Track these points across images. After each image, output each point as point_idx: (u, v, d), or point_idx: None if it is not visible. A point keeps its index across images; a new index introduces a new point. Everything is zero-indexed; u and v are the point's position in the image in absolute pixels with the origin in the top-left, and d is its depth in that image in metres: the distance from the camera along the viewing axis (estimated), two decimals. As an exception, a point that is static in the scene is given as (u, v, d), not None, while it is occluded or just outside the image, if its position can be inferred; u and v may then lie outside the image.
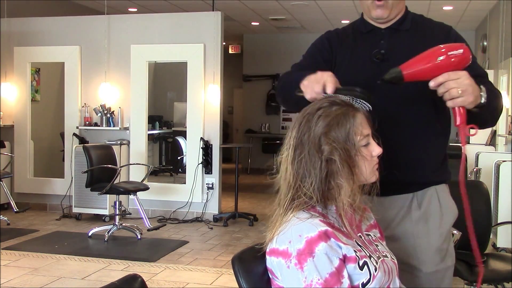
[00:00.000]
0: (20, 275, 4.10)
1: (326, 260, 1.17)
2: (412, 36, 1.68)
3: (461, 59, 1.39)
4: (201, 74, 6.22)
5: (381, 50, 1.65)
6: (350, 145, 1.28)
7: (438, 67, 1.38)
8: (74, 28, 6.65)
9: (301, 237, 1.19)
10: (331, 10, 8.36)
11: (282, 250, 1.22)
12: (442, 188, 1.70)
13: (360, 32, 1.74)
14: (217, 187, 6.29)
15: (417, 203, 1.66)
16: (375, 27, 1.71)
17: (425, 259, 1.62)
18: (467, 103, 1.39)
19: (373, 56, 1.65)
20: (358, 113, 1.33)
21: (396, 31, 1.69)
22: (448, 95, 1.38)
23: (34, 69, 7.09)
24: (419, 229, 1.63)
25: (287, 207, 1.28)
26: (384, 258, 1.32)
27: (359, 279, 1.22)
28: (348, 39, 1.76)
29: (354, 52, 1.72)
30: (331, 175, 1.26)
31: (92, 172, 5.32)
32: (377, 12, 1.66)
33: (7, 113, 6.80)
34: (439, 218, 1.65)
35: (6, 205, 6.33)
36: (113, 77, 6.52)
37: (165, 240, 5.31)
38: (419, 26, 1.71)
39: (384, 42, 1.68)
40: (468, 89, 1.37)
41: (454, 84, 1.36)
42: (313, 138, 1.27)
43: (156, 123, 8.52)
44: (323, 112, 1.29)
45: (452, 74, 1.37)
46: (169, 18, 6.55)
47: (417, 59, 1.41)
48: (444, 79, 1.37)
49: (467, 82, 1.37)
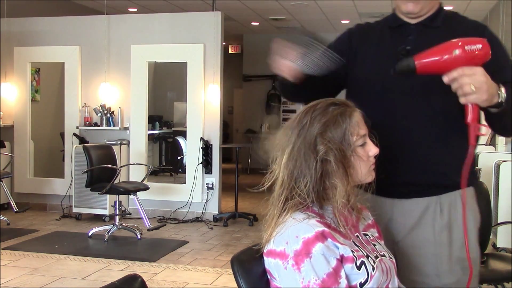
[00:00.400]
0: (20, 275, 4.09)
1: (323, 260, 1.17)
2: (442, 33, 1.56)
3: (478, 55, 1.32)
4: (201, 74, 6.22)
5: (407, 46, 1.58)
6: (345, 145, 1.27)
7: (453, 61, 1.32)
8: (74, 28, 6.65)
9: (298, 238, 1.19)
10: (331, 10, 8.36)
11: (279, 251, 1.22)
12: (466, 194, 1.56)
13: (389, 27, 1.68)
14: (217, 187, 6.29)
15: (439, 209, 1.57)
16: (405, 22, 1.64)
17: (446, 269, 1.55)
18: (480, 101, 1.33)
19: (398, 52, 1.57)
20: (354, 113, 1.32)
21: (426, 27, 1.62)
22: (461, 91, 1.32)
23: (34, 69, 7.09)
24: (442, 239, 1.56)
25: (281, 207, 1.27)
26: (382, 258, 1.31)
27: (356, 279, 1.22)
28: (375, 33, 1.70)
29: (380, 47, 1.66)
30: (326, 175, 1.25)
31: (92, 172, 5.32)
32: (408, 7, 1.58)
33: (7, 113, 6.80)
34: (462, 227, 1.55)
35: (6, 205, 6.33)
36: (113, 77, 6.52)
37: (165, 240, 5.31)
38: (451, 24, 1.62)
39: (412, 38, 1.61)
40: (483, 86, 1.31)
41: (468, 80, 1.30)
42: (308, 138, 1.26)
43: (156, 123, 8.52)
44: (319, 112, 1.29)
45: (467, 70, 1.31)
46: (169, 18, 6.55)
47: (432, 51, 1.36)
48: (458, 74, 1.31)
49: (482, 79, 1.31)
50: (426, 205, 1.57)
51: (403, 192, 1.59)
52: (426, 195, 1.57)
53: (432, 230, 1.56)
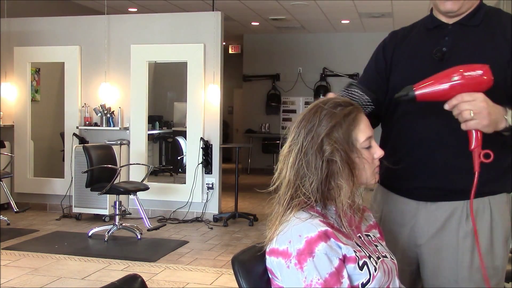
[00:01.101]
0: (20, 275, 4.09)
1: (326, 260, 1.17)
2: (480, 32, 1.53)
3: (478, 81, 1.30)
4: (201, 74, 6.22)
5: (443, 47, 1.53)
6: (352, 146, 1.28)
7: (452, 88, 1.31)
8: (74, 28, 6.65)
9: (301, 237, 1.19)
10: (331, 10, 8.36)
11: (282, 250, 1.22)
12: (498, 200, 1.55)
13: (425, 28, 1.63)
14: (217, 187, 6.29)
15: (465, 215, 1.53)
16: (442, 22, 1.58)
17: (466, 276, 1.53)
18: (481, 126, 1.31)
19: (433, 54, 1.53)
20: (361, 115, 1.32)
21: (463, 26, 1.55)
22: (461, 118, 1.31)
23: (34, 69, 7.09)
24: (466, 245, 1.53)
25: (286, 206, 1.27)
26: (384, 259, 1.32)
27: (358, 279, 1.22)
28: (413, 36, 1.65)
29: (416, 48, 1.62)
30: (331, 175, 1.25)
31: (92, 172, 5.32)
32: (447, 6, 1.52)
33: (7, 113, 6.80)
34: (488, 234, 1.53)
35: (6, 205, 6.33)
36: (113, 77, 6.52)
37: (165, 240, 5.31)
38: (491, 21, 1.54)
39: (449, 38, 1.55)
40: (482, 112, 1.29)
41: (467, 106, 1.29)
42: (315, 138, 1.27)
43: (156, 123, 8.51)
44: (327, 113, 1.29)
45: (466, 96, 1.29)
46: (169, 18, 6.55)
47: (430, 79, 1.34)
48: (458, 101, 1.30)
49: (482, 104, 1.29)
50: (452, 210, 1.55)
51: (429, 195, 1.57)
52: (453, 200, 1.55)
53: (456, 236, 1.54)
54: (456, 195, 1.53)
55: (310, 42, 10.39)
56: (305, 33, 10.38)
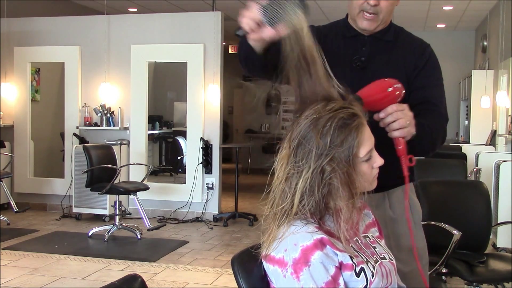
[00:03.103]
0: (20, 275, 4.10)
1: (322, 269, 1.16)
2: (392, 47, 1.70)
3: (400, 93, 1.44)
4: (201, 74, 6.22)
5: (362, 56, 1.67)
6: (353, 165, 1.21)
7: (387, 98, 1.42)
8: (74, 28, 6.65)
9: (296, 245, 1.18)
10: (331, 10, 8.36)
11: (278, 259, 1.21)
12: (410, 188, 1.73)
13: (343, 35, 1.75)
14: (217, 187, 6.29)
15: (388, 204, 1.70)
16: (359, 33, 1.71)
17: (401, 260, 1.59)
18: (409, 134, 1.44)
19: (353, 62, 1.67)
20: (364, 128, 1.24)
21: (378, 40, 1.71)
22: (397, 125, 1.41)
23: (34, 69, 7.09)
24: (393, 231, 1.68)
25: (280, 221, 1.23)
26: (382, 261, 1.30)
27: (355, 286, 1.21)
28: (330, 39, 1.74)
29: (335, 54, 1.66)
30: (329, 196, 1.21)
31: (92, 172, 5.32)
32: (364, 24, 1.67)
33: (7, 113, 6.81)
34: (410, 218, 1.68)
35: (6, 205, 6.33)
36: (113, 77, 6.52)
37: (165, 240, 5.31)
38: (400, 39, 1.73)
39: (366, 49, 1.69)
40: (412, 121, 1.43)
41: (402, 115, 1.41)
42: (314, 157, 1.20)
43: (156, 123, 8.52)
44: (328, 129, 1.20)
45: (399, 106, 1.42)
46: (169, 18, 6.55)
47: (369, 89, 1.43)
48: (393, 110, 1.40)
49: (410, 114, 1.43)
50: (377, 201, 1.68)
51: None
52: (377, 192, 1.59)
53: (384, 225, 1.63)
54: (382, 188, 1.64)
55: (310, 42, 10.35)
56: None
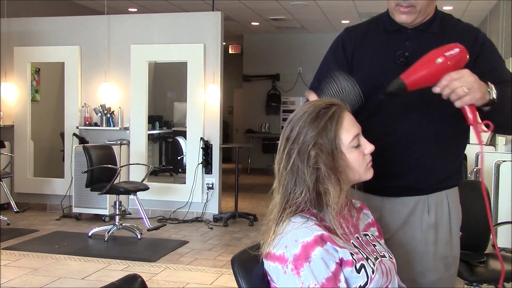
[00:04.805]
0: (20, 275, 4.09)
1: (322, 264, 1.17)
2: (439, 39, 1.56)
3: (459, 58, 1.36)
4: (201, 74, 6.22)
5: (406, 52, 1.58)
6: (337, 150, 1.28)
7: (438, 70, 1.35)
8: (74, 28, 6.65)
9: (297, 242, 1.19)
10: (331, 10, 8.36)
11: (279, 255, 1.21)
12: (452, 193, 1.66)
13: (384, 30, 1.66)
14: (217, 187, 6.29)
15: (427, 208, 1.61)
16: (402, 26, 1.62)
17: (431, 267, 1.60)
18: (475, 100, 1.36)
19: (396, 58, 1.58)
20: (344, 114, 1.31)
21: (422, 32, 1.61)
22: (455, 96, 1.35)
23: (34, 69, 7.09)
24: (429, 237, 1.61)
25: (279, 216, 1.27)
26: (382, 259, 1.31)
27: (356, 282, 1.21)
28: (371, 36, 1.68)
29: (377, 51, 1.65)
30: (319, 181, 1.25)
31: (92, 172, 5.32)
32: (402, 18, 1.58)
33: (7, 113, 6.80)
34: (447, 225, 1.63)
35: (6, 205, 6.33)
36: (113, 77, 6.52)
37: (165, 240, 5.31)
38: (447, 28, 1.62)
39: (409, 43, 1.60)
40: (474, 86, 1.34)
41: (458, 84, 1.33)
42: (300, 147, 1.26)
43: (156, 123, 8.52)
44: (311, 119, 1.28)
45: (454, 74, 1.34)
46: (169, 18, 6.55)
47: (416, 66, 1.38)
48: (448, 81, 1.34)
49: (471, 79, 1.34)
50: (414, 204, 1.62)
51: (394, 192, 1.62)
52: (415, 195, 1.61)
53: (420, 229, 1.61)
54: (419, 191, 1.62)
55: (310, 42, 10.37)
56: (305, 33, 10.38)
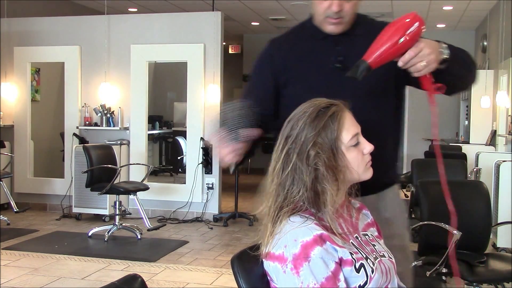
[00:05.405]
0: (20, 275, 4.09)
1: (321, 264, 1.17)
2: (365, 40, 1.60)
3: (417, 31, 1.40)
4: (201, 74, 6.22)
5: (339, 56, 1.63)
6: (336, 150, 1.28)
7: (400, 48, 1.39)
8: (74, 28, 6.65)
9: (296, 241, 1.19)
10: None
11: (278, 255, 1.21)
12: (397, 189, 1.76)
13: (312, 38, 1.69)
14: (217, 187, 6.29)
15: (383, 204, 1.68)
16: (329, 34, 1.65)
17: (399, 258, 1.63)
18: (432, 69, 1.42)
19: (332, 64, 1.62)
20: (344, 113, 1.32)
21: (349, 35, 1.65)
22: (414, 69, 1.40)
23: (34, 69, 7.09)
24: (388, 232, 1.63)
25: (276, 215, 1.27)
26: (382, 258, 1.31)
27: (355, 282, 1.21)
28: (302, 44, 1.70)
29: (311, 60, 1.67)
30: (316, 181, 1.25)
31: (92, 172, 5.32)
32: (331, 29, 1.62)
33: (7, 113, 6.80)
34: (400, 219, 1.72)
35: (6, 205, 6.33)
36: (113, 77, 6.52)
37: (165, 240, 5.31)
38: (369, 29, 1.65)
39: (341, 48, 1.64)
40: (431, 58, 1.40)
41: (418, 59, 1.39)
42: (300, 146, 1.27)
43: (156, 123, 8.52)
44: (311, 119, 1.29)
45: (414, 50, 1.38)
46: (169, 18, 6.55)
47: (377, 45, 1.41)
48: (410, 57, 1.39)
49: (428, 51, 1.39)
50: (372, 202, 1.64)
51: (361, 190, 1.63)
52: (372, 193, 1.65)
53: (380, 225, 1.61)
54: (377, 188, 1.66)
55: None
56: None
